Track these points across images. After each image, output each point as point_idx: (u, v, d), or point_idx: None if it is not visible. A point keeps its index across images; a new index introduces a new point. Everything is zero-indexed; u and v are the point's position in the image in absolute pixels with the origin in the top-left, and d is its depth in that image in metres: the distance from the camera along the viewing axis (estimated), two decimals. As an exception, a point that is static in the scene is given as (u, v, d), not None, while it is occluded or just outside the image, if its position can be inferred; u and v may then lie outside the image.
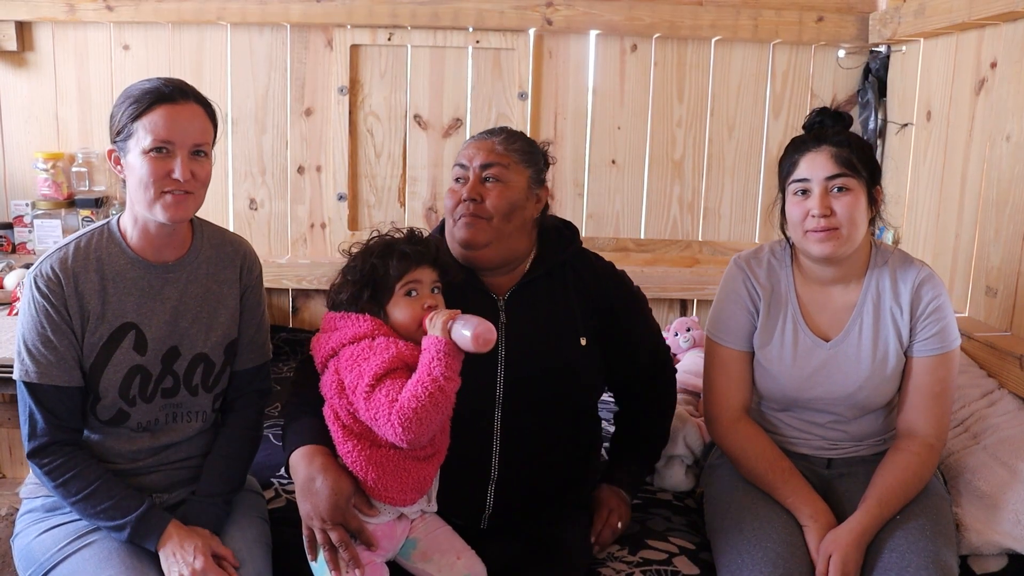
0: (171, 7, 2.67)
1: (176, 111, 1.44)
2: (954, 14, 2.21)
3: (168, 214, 1.46)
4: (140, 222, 1.51)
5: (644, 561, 1.64)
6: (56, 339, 1.46)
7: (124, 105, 1.46)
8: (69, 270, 1.47)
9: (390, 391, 1.40)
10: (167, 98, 1.44)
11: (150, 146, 1.43)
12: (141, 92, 1.45)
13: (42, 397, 1.47)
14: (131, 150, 1.45)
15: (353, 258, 1.54)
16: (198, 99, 1.50)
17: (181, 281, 1.56)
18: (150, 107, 1.43)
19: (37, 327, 1.46)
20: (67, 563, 1.45)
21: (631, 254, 2.88)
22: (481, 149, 1.63)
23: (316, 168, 2.85)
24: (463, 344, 1.38)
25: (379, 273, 1.49)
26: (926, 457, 1.62)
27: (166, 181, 1.44)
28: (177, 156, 1.44)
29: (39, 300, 1.46)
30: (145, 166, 1.43)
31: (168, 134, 1.43)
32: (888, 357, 1.67)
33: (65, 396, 1.48)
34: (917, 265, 1.70)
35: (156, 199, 1.45)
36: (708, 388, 1.80)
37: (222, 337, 1.60)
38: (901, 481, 1.59)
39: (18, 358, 1.47)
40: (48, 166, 2.73)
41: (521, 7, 2.70)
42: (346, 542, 1.41)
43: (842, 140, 1.63)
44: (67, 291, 1.47)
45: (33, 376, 1.46)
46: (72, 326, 1.48)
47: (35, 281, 1.47)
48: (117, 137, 1.47)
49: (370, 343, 1.45)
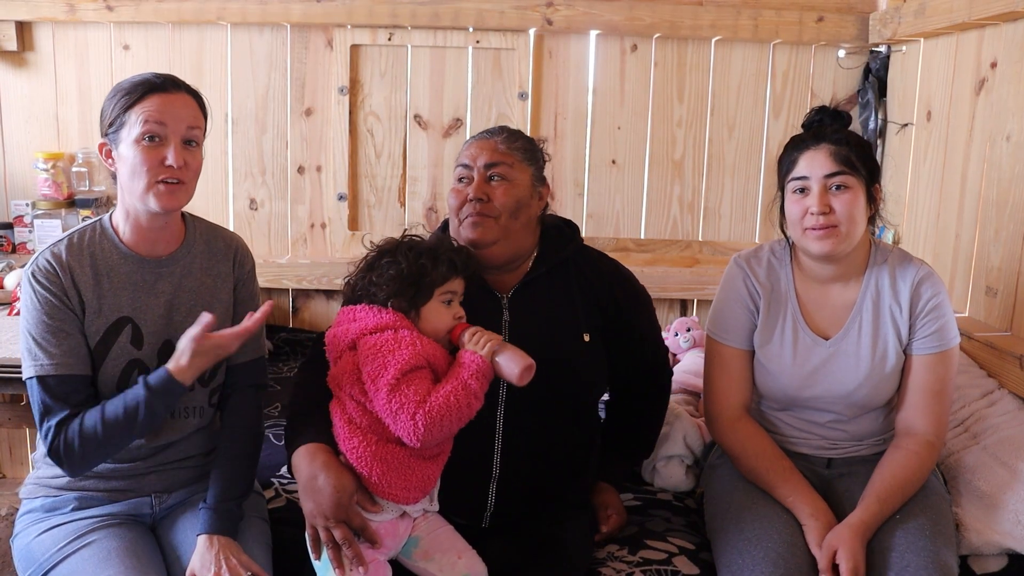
0: (171, 7, 2.68)
1: (168, 99, 1.46)
2: (954, 14, 2.21)
3: (161, 203, 1.46)
4: (132, 216, 1.51)
5: (644, 561, 1.64)
6: (64, 327, 1.46)
7: (116, 98, 1.46)
8: (64, 264, 1.47)
9: (418, 389, 1.41)
10: (159, 88, 1.46)
11: (142, 133, 1.43)
12: (132, 84, 1.46)
13: (58, 390, 1.44)
14: (123, 140, 1.45)
15: (392, 253, 1.53)
16: (188, 90, 1.51)
17: (175, 275, 1.56)
18: (142, 96, 1.44)
19: (43, 319, 1.45)
20: (67, 563, 1.45)
21: (631, 254, 2.88)
22: (484, 149, 1.63)
23: (316, 168, 2.85)
24: (504, 371, 1.44)
25: (427, 274, 1.50)
26: (925, 455, 1.62)
27: (159, 169, 1.44)
28: (170, 143, 1.45)
29: (40, 293, 1.46)
30: (138, 154, 1.44)
31: (161, 118, 1.44)
32: (888, 355, 1.67)
33: (81, 385, 1.47)
34: (916, 263, 1.70)
35: (149, 188, 1.45)
36: (708, 387, 1.80)
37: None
38: (900, 479, 1.59)
39: (28, 356, 1.45)
40: (48, 166, 2.73)
41: (521, 7, 2.70)
42: (349, 540, 1.42)
43: (841, 138, 1.63)
44: (65, 283, 1.47)
45: (48, 368, 1.44)
46: (76, 313, 1.47)
47: (33, 276, 1.47)
48: (109, 129, 1.48)
49: (394, 335, 1.45)
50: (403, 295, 1.49)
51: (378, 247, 1.58)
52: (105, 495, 1.55)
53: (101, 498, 1.55)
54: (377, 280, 1.51)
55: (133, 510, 1.56)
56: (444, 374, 1.48)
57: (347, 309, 1.55)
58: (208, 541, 1.46)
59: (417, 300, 1.50)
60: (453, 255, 1.54)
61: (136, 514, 1.57)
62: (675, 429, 2.00)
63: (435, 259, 1.51)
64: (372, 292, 1.52)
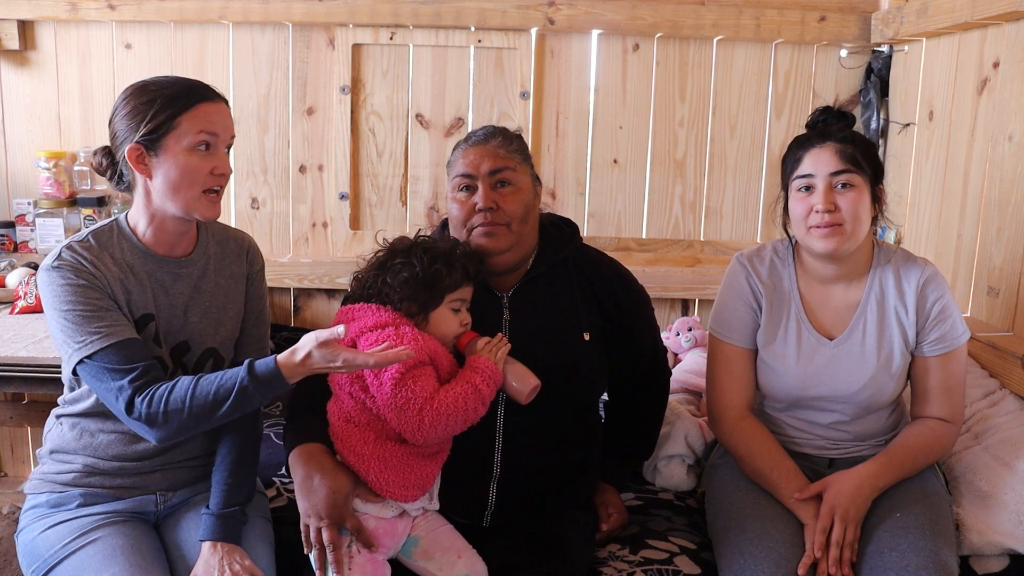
0: (173, 6, 2.68)
1: (217, 108, 1.48)
2: (956, 14, 2.21)
3: (209, 212, 1.48)
4: (158, 219, 1.50)
5: (645, 560, 1.64)
6: (105, 304, 1.42)
7: (158, 102, 1.43)
8: (94, 253, 1.46)
9: (424, 385, 1.40)
10: (208, 96, 1.47)
11: (198, 141, 1.44)
12: (180, 89, 1.45)
13: (119, 356, 1.38)
14: (169, 147, 1.43)
15: (406, 254, 1.53)
16: (222, 98, 1.53)
17: (192, 277, 1.56)
18: (194, 104, 1.44)
19: (79, 302, 1.40)
20: (71, 560, 1.45)
21: (633, 254, 2.88)
22: (485, 155, 1.61)
23: (318, 167, 2.85)
24: (513, 386, 1.48)
25: (441, 279, 1.50)
26: (942, 432, 1.65)
27: (211, 178, 1.46)
28: (220, 151, 1.47)
29: (71, 279, 1.41)
30: (191, 162, 1.44)
31: (214, 128, 1.46)
32: (893, 355, 1.67)
33: (142, 349, 1.42)
34: (920, 264, 1.70)
35: (198, 197, 1.46)
36: (712, 385, 1.80)
37: (231, 332, 1.61)
38: (913, 445, 1.61)
39: (71, 343, 1.39)
40: (50, 165, 2.73)
41: (523, 6, 2.70)
42: (336, 544, 1.42)
43: (846, 137, 1.63)
44: (93, 271, 1.44)
45: (97, 343, 1.38)
46: (111, 297, 1.44)
47: (59, 269, 1.42)
48: (148, 134, 1.43)
49: (395, 331, 1.45)
50: (415, 299, 1.49)
51: (391, 246, 1.57)
52: (110, 492, 1.55)
53: (106, 495, 1.55)
54: (391, 282, 1.50)
55: (137, 507, 1.57)
56: (447, 373, 1.48)
57: (345, 308, 1.54)
58: (212, 548, 1.46)
59: (428, 305, 1.50)
60: (467, 261, 1.53)
61: (140, 511, 1.57)
62: (676, 428, 2.00)
63: (450, 265, 1.51)
64: (384, 293, 1.51)
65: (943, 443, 1.65)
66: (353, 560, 1.44)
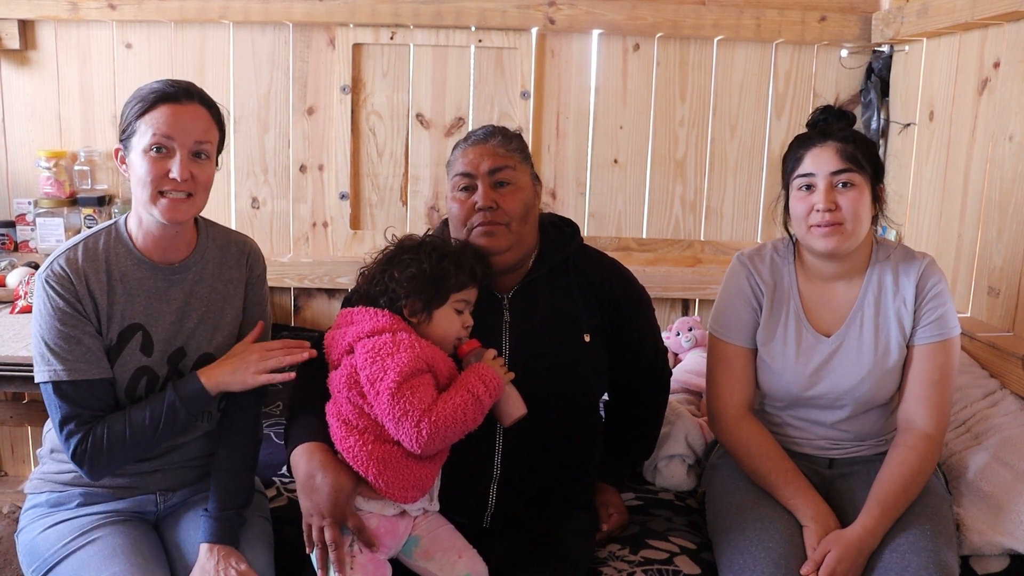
0: (174, 5, 2.67)
1: (179, 110, 1.44)
2: (957, 14, 2.21)
3: (166, 215, 1.45)
4: (144, 223, 1.51)
5: (645, 560, 1.64)
6: (78, 333, 1.45)
7: (131, 104, 1.46)
8: (80, 269, 1.47)
9: (422, 396, 1.40)
10: (171, 97, 1.45)
11: (149, 143, 1.43)
12: (148, 91, 1.45)
13: (74, 395, 1.44)
14: (133, 148, 1.45)
15: (415, 251, 1.53)
16: (203, 101, 1.49)
17: (187, 282, 1.55)
18: (153, 105, 1.44)
19: (56, 325, 1.44)
20: (71, 559, 1.45)
21: (633, 254, 2.88)
22: (485, 155, 1.60)
23: (318, 167, 2.85)
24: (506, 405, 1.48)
25: (448, 278, 1.49)
26: (924, 451, 1.61)
27: (163, 181, 1.44)
28: (176, 155, 1.44)
29: (54, 299, 1.45)
30: (144, 164, 1.44)
31: (168, 131, 1.43)
32: (890, 350, 1.67)
33: (98, 390, 1.47)
34: (919, 257, 1.70)
35: (153, 199, 1.45)
36: (712, 385, 1.79)
37: (228, 337, 1.60)
38: (901, 482, 1.58)
39: (42, 361, 1.45)
40: (51, 164, 2.73)
41: (524, 6, 2.70)
42: (337, 543, 1.42)
43: (847, 136, 1.63)
44: (79, 290, 1.46)
45: (63, 374, 1.43)
46: (90, 320, 1.47)
47: (47, 281, 1.46)
48: (123, 136, 1.47)
49: (392, 337, 1.44)
50: (420, 296, 1.48)
51: (400, 242, 1.57)
52: (110, 492, 1.55)
53: (106, 495, 1.55)
54: (398, 276, 1.50)
55: (137, 507, 1.57)
56: (446, 379, 1.47)
57: (345, 311, 1.54)
58: (209, 550, 1.46)
59: (432, 303, 1.49)
60: (475, 263, 1.53)
61: (140, 511, 1.57)
62: (677, 428, 2.00)
63: (458, 264, 1.50)
64: (390, 288, 1.51)
65: (929, 463, 1.62)
66: (355, 559, 1.44)
